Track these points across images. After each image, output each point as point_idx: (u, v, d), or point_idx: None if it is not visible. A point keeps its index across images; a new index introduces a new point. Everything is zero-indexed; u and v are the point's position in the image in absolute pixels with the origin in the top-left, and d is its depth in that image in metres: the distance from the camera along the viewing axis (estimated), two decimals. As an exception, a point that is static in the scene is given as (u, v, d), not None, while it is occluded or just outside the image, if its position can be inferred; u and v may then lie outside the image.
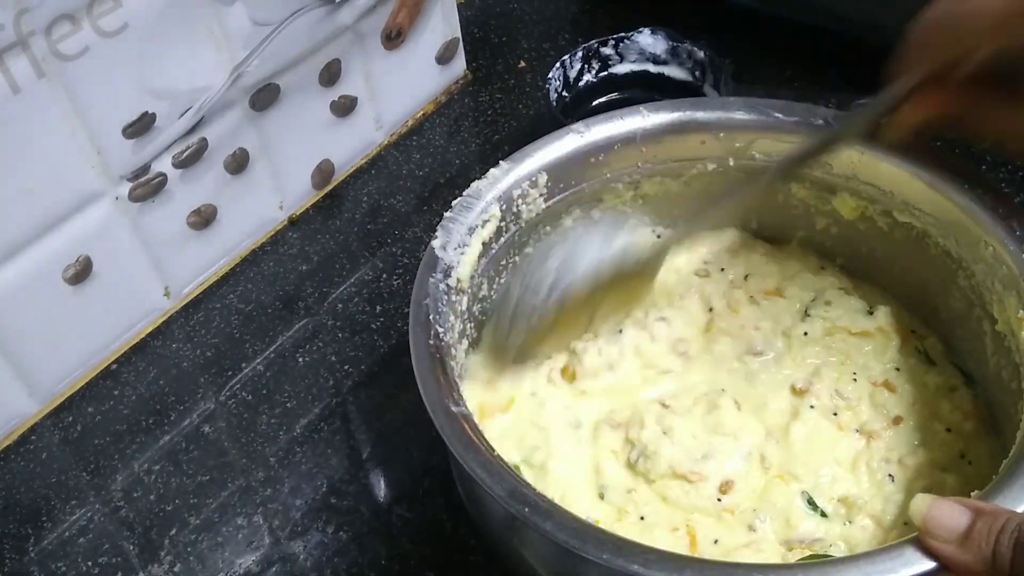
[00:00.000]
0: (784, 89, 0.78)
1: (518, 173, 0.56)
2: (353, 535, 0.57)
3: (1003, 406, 0.51)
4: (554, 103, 0.76)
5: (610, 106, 0.78)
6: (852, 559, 0.39)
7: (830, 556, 0.46)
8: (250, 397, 0.65)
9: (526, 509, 0.41)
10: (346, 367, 0.66)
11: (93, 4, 0.55)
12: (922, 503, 0.39)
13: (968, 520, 0.38)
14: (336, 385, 0.65)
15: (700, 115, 0.57)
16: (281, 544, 0.57)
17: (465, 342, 0.55)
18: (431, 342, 0.49)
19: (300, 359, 0.66)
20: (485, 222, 0.54)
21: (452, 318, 0.51)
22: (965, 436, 0.52)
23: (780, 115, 0.56)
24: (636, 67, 0.79)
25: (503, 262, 0.58)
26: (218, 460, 0.61)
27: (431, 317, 0.49)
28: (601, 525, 0.46)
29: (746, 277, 0.60)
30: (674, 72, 0.78)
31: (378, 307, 0.69)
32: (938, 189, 0.52)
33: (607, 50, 0.79)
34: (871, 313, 0.57)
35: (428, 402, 0.46)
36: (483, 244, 0.54)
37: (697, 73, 0.77)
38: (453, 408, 0.46)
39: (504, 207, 0.55)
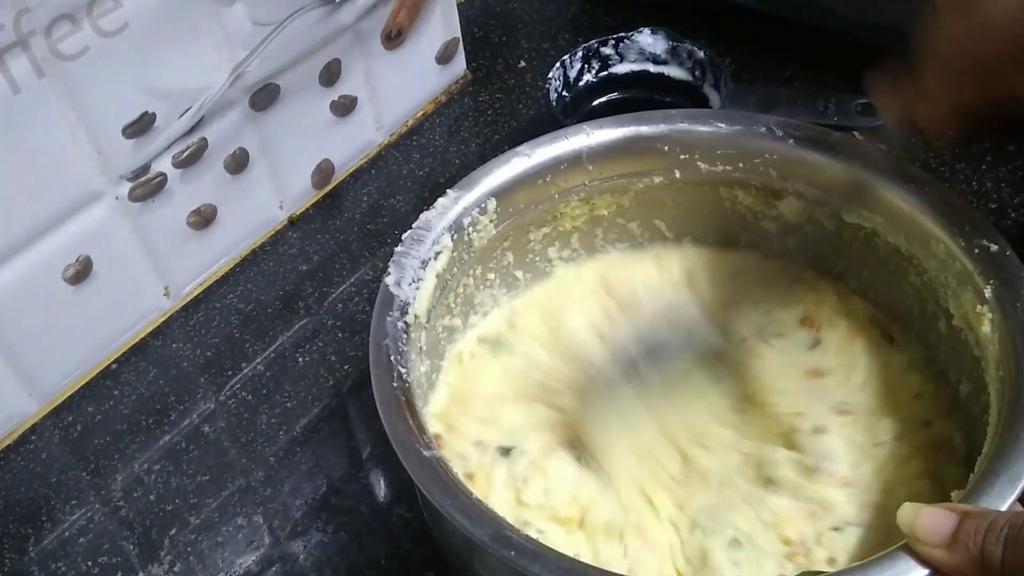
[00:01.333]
0: (784, 89, 0.78)
1: (467, 201, 0.55)
2: (353, 535, 0.57)
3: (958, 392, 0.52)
4: (554, 103, 0.76)
5: (610, 106, 0.79)
6: (844, 572, 0.40)
7: (823, 572, 0.46)
8: (250, 397, 0.65)
9: (512, 553, 0.41)
10: (346, 367, 0.66)
11: (93, 4, 0.55)
12: (910, 511, 0.39)
13: (955, 523, 0.38)
14: (336, 385, 0.65)
15: (644, 130, 0.58)
16: (281, 544, 0.57)
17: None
18: (395, 384, 0.47)
19: (300, 359, 0.66)
20: (437, 254, 0.54)
21: (413, 356, 0.50)
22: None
23: (722, 125, 0.57)
24: (636, 67, 0.79)
25: (458, 291, 0.57)
26: (218, 460, 0.61)
27: (392, 358, 0.48)
28: None
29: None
30: (674, 72, 0.78)
31: (378, 307, 0.69)
32: (885, 187, 0.53)
33: (607, 50, 0.79)
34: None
35: (399, 448, 0.45)
36: (437, 276, 0.54)
37: (697, 73, 0.77)
38: (425, 453, 0.45)
39: (455, 236, 0.55)
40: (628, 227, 0.62)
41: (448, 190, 0.55)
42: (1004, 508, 0.40)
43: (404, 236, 0.53)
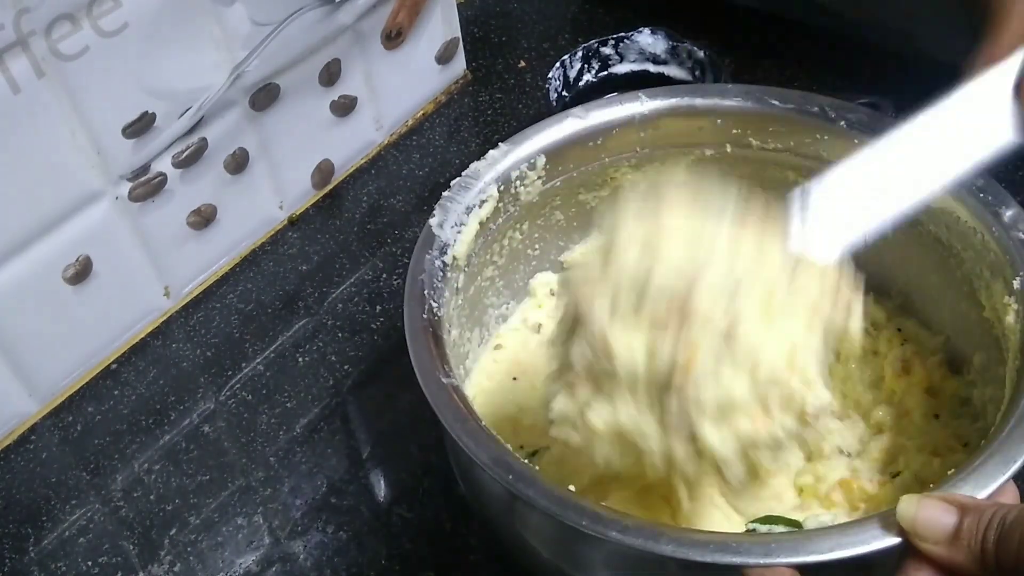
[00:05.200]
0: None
1: (517, 155, 0.57)
2: (353, 535, 0.57)
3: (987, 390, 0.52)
4: (554, 103, 0.76)
5: (610, 106, 0.79)
6: (825, 531, 0.40)
7: (782, 518, 0.48)
8: (250, 397, 0.65)
9: (510, 476, 0.42)
10: (346, 367, 0.66)
11: (93, 4, 0.55)
12: (910, 506, 0.39)
13: (955, 519, 0.38)
14: (336, 385, 0.65)
15: (698, 101, 0.58)
16: (281, 544, 0.57)
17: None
18: (424, 316, 0.50)
19: (300, 359, 0.66)
20: (483, 202, 0.55)
21: (447, 294, 0.52)
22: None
23: (776, 102, 0.57)
24: (636, 67, 0.79)
25: (503, 242, 0.59)
26: (218, 460, 0.61)
27: (425, 292, 0.51)
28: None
29: None
30: (674, 72, 0.78)
31: (378, 307, 0.69)
32: None
33: (607, 50, 0.79)
34: None
35: (419, 372, 0.47)
36: (480, 224, 0.55)
37: (697, 73, 0.77)
38: (443, 379, 0.47)
39: (502, 188, 0.56)
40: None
41: (500, 143, 0.57)
42: (992, 488, 0.40)
43: (452, 183, 0.55)
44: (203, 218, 0.68)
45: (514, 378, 0.59)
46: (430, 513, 0.57)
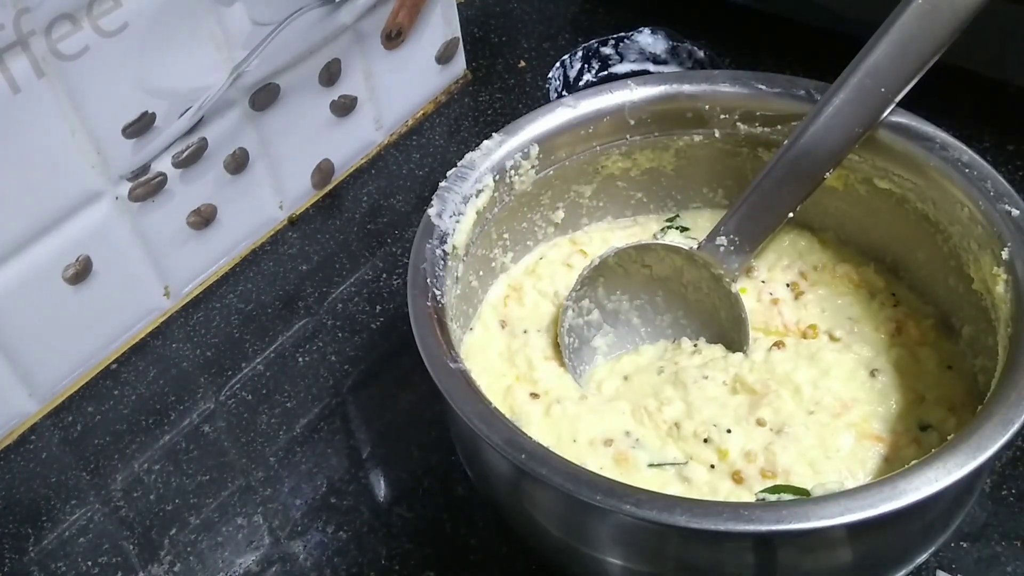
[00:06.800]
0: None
1: (510, 145, 0.58)
2: (353, 535, 0.57)
3: (977, 360, 0.53)
4: (554, 103, 0.76)
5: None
6: (833, 496, 0.41)
7: (787, 486, 0.48)
8: (250, 397, 0.65)
9: (523, 456, 0.43)
10: (346, 367, 0.66)
11: (93, 4, 0.55)
12: None
13: None
14: (336, 385, 0.65)
15: (686, 88, 0.60)
16: (281, 544, 0.57)
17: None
18: (429, 304, 0.50)
19: (300, 359, 0.66)
20: (479, 192, 0.56)
21: (448, 282, 0.53)
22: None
23: (763, 87, 0.59)
24: (636, 67, 0.79)
25: (503, 234, 0.60)
26: (218, 460, 0.61)
27: (428, 280, 0.51)
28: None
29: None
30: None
31: (378, 307, 0.69)
32: (916, 152, 0.54)
33: (607, 50, 0.79)
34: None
35: (427, 359, 0.47)
36: (477, 213, 0.56)
37: (697, 73, 0.77)
38: (451, 364, 0.47)
39: (497, 177, 0.57)
40: (672, 194, 0.64)
41: (494, 134, 0.58)
42: (992, 450, 0.41)
43: (449, 173, 0.56)
44: (203, 218, 0.68)
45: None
46: (430, 513, 0.57)
